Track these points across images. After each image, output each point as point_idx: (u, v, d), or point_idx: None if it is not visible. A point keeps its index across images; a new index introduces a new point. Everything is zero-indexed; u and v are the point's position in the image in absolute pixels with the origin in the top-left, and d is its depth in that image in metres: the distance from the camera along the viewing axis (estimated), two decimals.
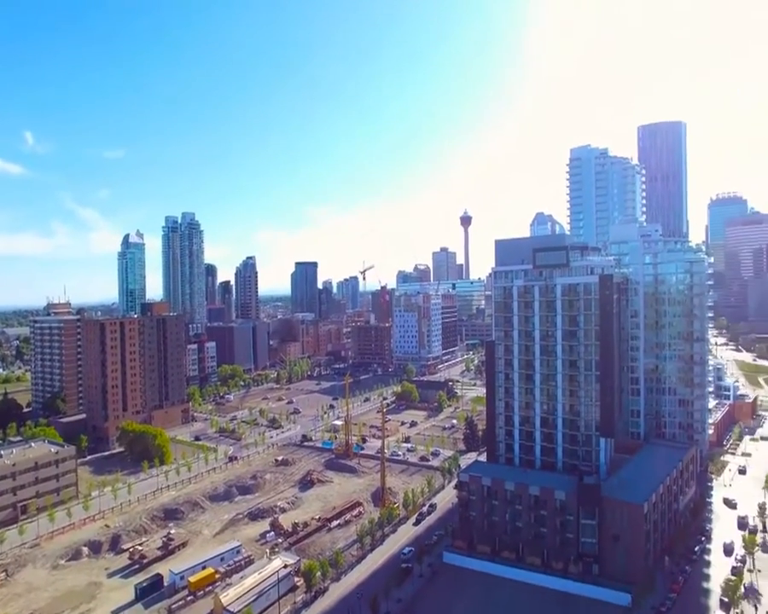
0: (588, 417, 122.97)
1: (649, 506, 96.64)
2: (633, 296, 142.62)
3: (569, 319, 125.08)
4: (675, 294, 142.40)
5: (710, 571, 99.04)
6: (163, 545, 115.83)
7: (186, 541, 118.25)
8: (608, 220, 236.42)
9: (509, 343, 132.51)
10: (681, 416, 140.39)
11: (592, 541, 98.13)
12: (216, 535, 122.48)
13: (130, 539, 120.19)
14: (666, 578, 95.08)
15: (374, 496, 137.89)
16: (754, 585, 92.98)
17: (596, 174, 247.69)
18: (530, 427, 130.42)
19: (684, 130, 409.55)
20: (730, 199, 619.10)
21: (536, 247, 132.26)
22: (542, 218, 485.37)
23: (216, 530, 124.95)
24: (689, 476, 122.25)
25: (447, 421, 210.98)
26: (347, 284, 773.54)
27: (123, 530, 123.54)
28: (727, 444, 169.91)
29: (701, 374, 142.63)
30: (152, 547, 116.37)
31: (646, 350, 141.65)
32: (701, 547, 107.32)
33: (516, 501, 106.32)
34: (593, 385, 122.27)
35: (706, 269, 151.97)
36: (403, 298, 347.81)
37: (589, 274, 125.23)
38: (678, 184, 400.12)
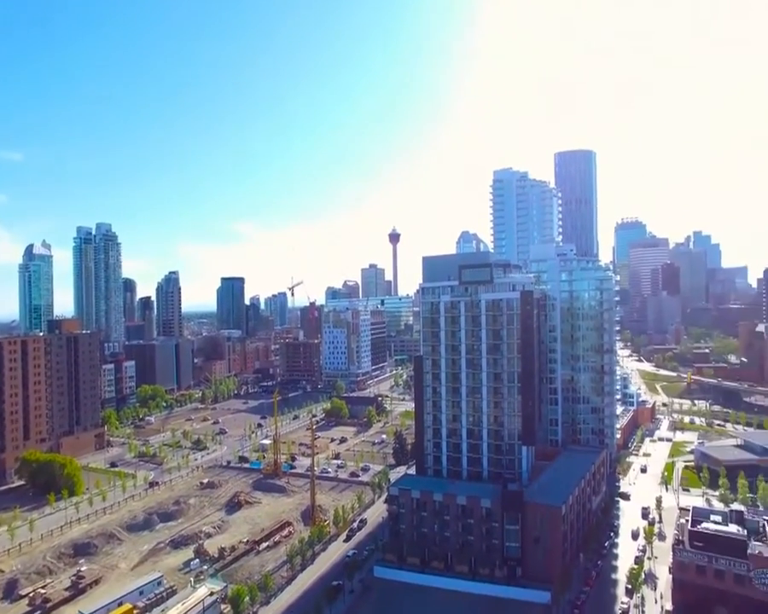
0: (511, 427, 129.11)
1: (566, 508, 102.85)
2: (551, 311, 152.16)
3: (493, 333, 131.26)
4: (587, 309, 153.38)
5: (618, 563, 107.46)
6: (72, 584, 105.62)
7: (99, 578, 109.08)
8: (528, 239, 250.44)
9: (437, 357, 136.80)
10: (593, 423, 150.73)
11: (516, 545, 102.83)
12: (134, 567, 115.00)
13: (30, 582, 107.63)
14: (581, 574, 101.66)
15: (304, 515, 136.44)
16: (653, 571, 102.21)
17: (517, 196, 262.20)
18: (457, 439, 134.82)
19: (595, 159, 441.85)
20: (633, 224, 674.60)
21: (462, 264, 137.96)
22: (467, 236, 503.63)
23: (134, 562, 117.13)
24: (601, 477, 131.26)
25: (377, 436, 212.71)
26: (275, 300, 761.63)
27: (21, 573, 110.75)
28: (631, 446, 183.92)
29: (611, 383, 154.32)
30: (58, 588, 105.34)
31: (563, 361, 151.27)
32: (610, 542, 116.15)
33: (444, 511, 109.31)
34: (515, 396, 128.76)
35: (614, 286, 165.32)
36: (332, 314, 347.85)
37: (511, 290, 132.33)
38: (590, 208, 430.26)
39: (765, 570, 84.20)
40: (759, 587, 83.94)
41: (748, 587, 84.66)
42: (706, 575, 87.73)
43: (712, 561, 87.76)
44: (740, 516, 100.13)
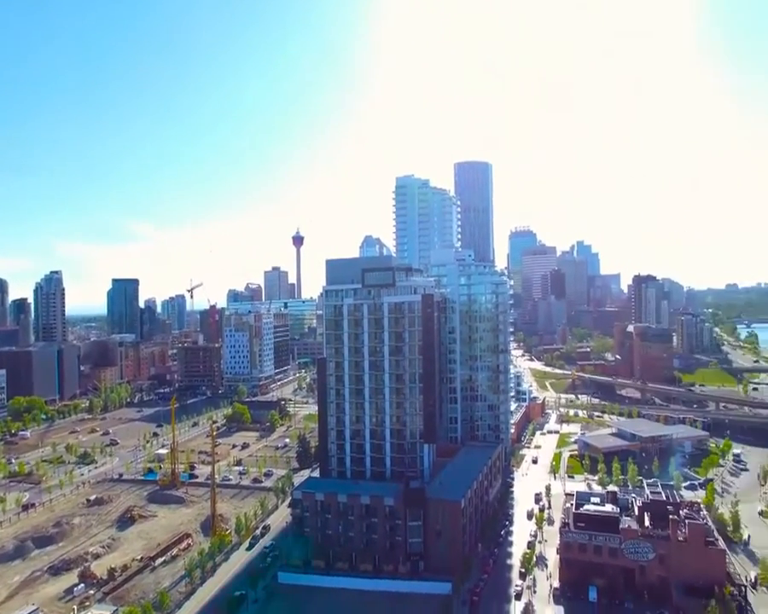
0: (413, 426, 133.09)
1: (466, 501, 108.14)
2: (451, 313, 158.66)
3: (395, 335, 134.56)
4: (484, 312, 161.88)
5: (512, 549, 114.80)
6: None
7: None
8: (429, 245, 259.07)
9: (340, 359, 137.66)
10: (490, 419, 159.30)
11: (418, 540, 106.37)
12: (2, 603, 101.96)
13: None
14: (480, 562, 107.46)
15: (204, 526, 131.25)
16: (543, 553, 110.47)
17: (419, 202, 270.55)
18: (360, 440, 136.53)
19: (491, 170, 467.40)
20: (525, 233, 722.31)
21: (365, 267, 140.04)
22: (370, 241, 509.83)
23: (2, 597, 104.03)
24: (497, 471, 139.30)
25: (280, 440, 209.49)
26: (173, 303, 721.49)
27: None
28: (524, 440, 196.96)
29: (506, 382, 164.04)
30: None
31: (462, 362, 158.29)
32: (506, 530, 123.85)
33: (349, 511, 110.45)
34: (417, 396, 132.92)
35: (508, 290, 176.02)
36: (233, 317, 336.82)
37: (413, 293, 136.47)
38: (486, 217, 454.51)
39: (632, 541, 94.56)
40: (628, 557, 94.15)
41: (620, 558, 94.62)
42: (587, 551, 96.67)
43: (591, 539, 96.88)
44: (614, 496, 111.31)
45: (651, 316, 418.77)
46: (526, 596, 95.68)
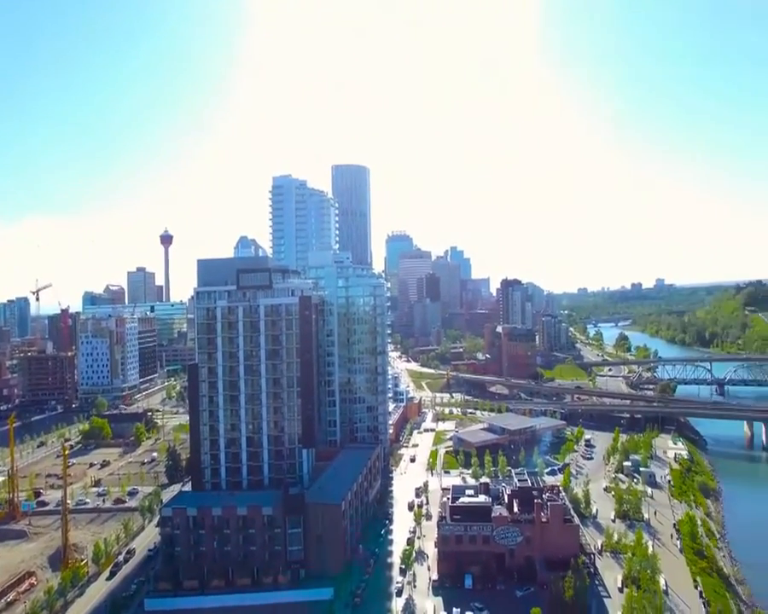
0: (291, 431, 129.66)
1: (346, 504, 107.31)
2: (329, 316, 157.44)
3: (272, 338, 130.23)
4: (362, 314, 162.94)
5: (393, 547, 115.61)
6: None
7: None
8: (306, 246, 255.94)
9: (213, 365, 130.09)
10: (369, 421, 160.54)
11: (299, 547, 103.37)
12: None
13: None
14: (361, 563, 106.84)
15: (53, 559, 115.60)
16: (423, 548, 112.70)
17: (296, 203, 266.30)
18: (236, 448, 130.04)
19: (369, 174, 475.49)
20: (402, 237, 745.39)
21: (240, 268, 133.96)
22: (245, 242, 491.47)
23: None
24: (376, 471, 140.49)
25: (146, 455, 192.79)
26: (13, 306, 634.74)
27: None
28: (402, 439, 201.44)
29: (384, 383, 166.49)
30: None
31: (340, 364, 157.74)
32: (386, 529, 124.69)
33: (224, 525, 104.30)
34: (295, 400, 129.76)
35: (386, 293, 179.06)
36: (91, 322, 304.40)
37: (290, 295, 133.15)
38: (364, 220, 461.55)
39: (502, 528, 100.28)
40: (500, 542, 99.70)
41: (492, 545, 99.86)
42: (463, 542, 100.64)
43: (467, 529, 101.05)
44: (486, 487, 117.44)
45: (517, 318, 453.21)
46: (407, 592, 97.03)
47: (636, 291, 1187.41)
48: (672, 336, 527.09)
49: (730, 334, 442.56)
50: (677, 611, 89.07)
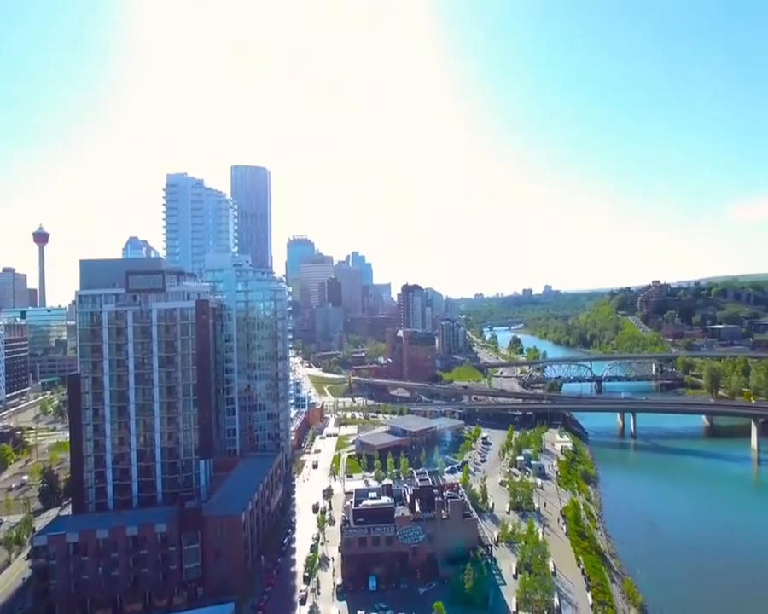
0: (187, 442, 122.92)
1: (246, 515, 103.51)
2: (227, 320, 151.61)
3: (166, 345, 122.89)
4: (263, 319, 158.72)
5: (296, 556, 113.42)
6: None
7: None
8: (203, 248, 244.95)
9: (99, 375, 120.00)
10: (270, 428, 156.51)
11: (196, 564, 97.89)
12: None
13: None
14: (263, 575, 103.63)
15: None
16: (326, 554, 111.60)
17: (192, 203, 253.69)
18: (126, 464, 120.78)
19: (269, 176, 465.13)
20: (303, 241, 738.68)
21: (129, 270, 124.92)
22: (136, 243, 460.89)
23: None
24: (278, 479, 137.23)
25: (15, 479, 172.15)
26: None
27: None
28: (304, 445, 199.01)
29: (285, 389, 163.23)
30: None
31: (239, 371, 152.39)
32: (288, 538, 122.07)
33: (112, 548, 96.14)
34: (192, 409, 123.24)
35: (287, 297, 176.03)
36: None
37: (185, 299, 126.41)
38: (264, 223, 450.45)
39: (405, 527, 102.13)
40: (403, 541, 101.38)
41: (396, 545, 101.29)
42: (367, 544, 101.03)
43: (370, 531, 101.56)
44: (389, 488, 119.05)
45: (417, 322, 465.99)
46: (311, 599, 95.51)
47: (527, 296, 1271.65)
48: (558, 338, 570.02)
49: (605, 336, 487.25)
50: (563, 588, 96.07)
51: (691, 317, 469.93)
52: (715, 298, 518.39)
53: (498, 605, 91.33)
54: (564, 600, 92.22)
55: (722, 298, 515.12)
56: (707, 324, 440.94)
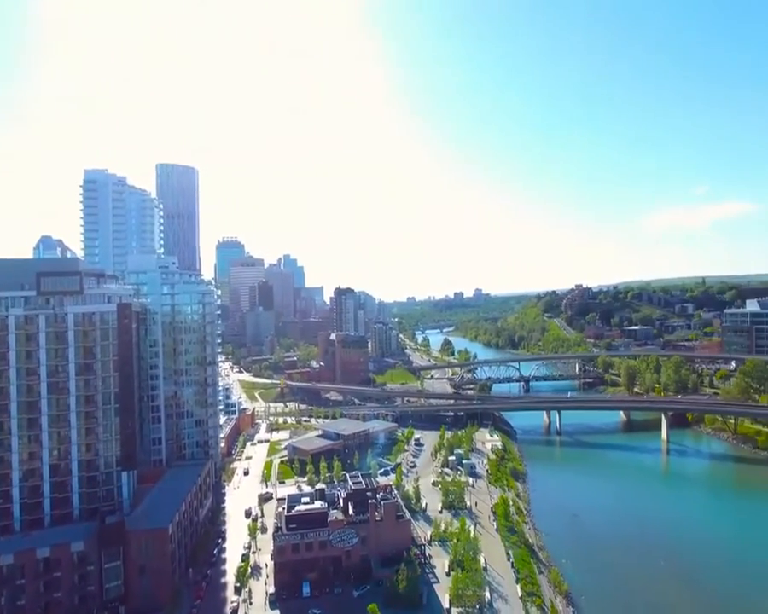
0: (108, 454, 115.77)
1: (173, 526, 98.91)
2: (152, 325, 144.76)
3: (84, 351, 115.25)
4: (190, 323, 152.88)
5: (227, 566, 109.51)
6: None
7: None
8: (126, 249, 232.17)
9: (5, 385, 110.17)
10: (198, 436, 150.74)
11: (117, 583, 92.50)
12: None
13: None
14: (192, 588, 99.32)
15: None
16: (258, 563, 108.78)
17: (113, 201, 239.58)
18: (37, 480, 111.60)
19: (198, 176, 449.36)
20: (233, 243, 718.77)
21: (41, 271, 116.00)
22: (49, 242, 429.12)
23: None
24: (207, 488, 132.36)
25: None
26: None
27: None
28: (235, 453, 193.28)
29: (214, 395, 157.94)
30: None
31: (165, 377, 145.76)
32: (218, 548, 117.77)
33: (17, 574, 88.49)
34: (113, 419, 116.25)
35: (216, 301, 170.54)
36: None
37: (106, 302, 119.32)
38: (192, 224, 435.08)
39: (338, 531, 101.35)
40: (337, 546, 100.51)
41: (329, 549, 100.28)
42: (300, 550, 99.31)
43: (303, 537, 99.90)
44: (322, 493, 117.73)
45: (350, 325, 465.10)
46: (242, 610, 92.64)
47: (458, 300, 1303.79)
48: (488, 340, 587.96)
49: (532, 337, 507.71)
50: (494, 582, 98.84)
51: (610, 319, 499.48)
52: (631, 301, 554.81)
53: (432, 603, 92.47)
54: (495, 594, 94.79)
55: (637, 302, 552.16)
56: (624, 325, 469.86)
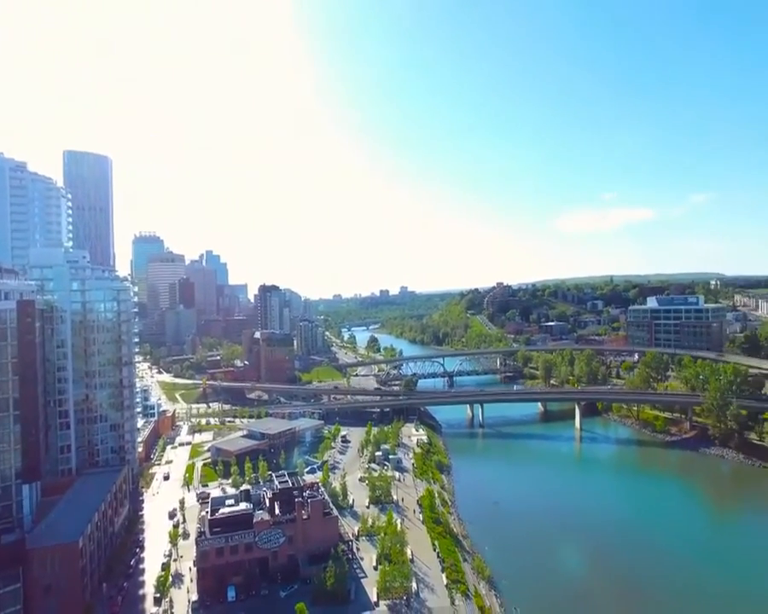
0: (5, 466, 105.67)
1: (84, 540, 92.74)
2: (59, 324, 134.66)
3: None
4: (104, 322, 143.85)
5: (145, 577, 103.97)
6: None
7: None
8: (28, 242, 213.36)
9: None
10: (113, 441, 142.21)
11: (16, 608, 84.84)
12: None
13: None
14: (106, 604, 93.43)
15: None
16: (180, 570, 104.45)
17: (12, 188, 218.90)
18: None
19: (111, 166, 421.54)
20: (151, 238, 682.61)
21: None
22: None
23: None
24: (123, 496, 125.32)
25: None
26: None
27: None
28: (154, 457, 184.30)
29: (131, 397, 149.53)
30: None
31: (75, 380, 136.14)
32: (136, 558, 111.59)
33: None
34: (11, 427, 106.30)
35: (132, 298, 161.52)
36: None
37: (4, 299, 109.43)
38: (105, 216, 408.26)
39: (265, 532, 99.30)
40: (263, 547, 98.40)
41: (255, 551, 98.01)
42: (225, 554, 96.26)
43: (228, 540, 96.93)
44: (247, 494, 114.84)
45: (275, 323, 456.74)
46: None
47: (384, 297, 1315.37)
48: (413, 337, 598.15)
49: (456, 334, 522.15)
50: (420, 573, 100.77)
51: (529, 316, 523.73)
52: (548, 298, 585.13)
53: (360, 597, 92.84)
54: (422, 584, 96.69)
55: (553, 299, 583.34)
56: (542, 321, 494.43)
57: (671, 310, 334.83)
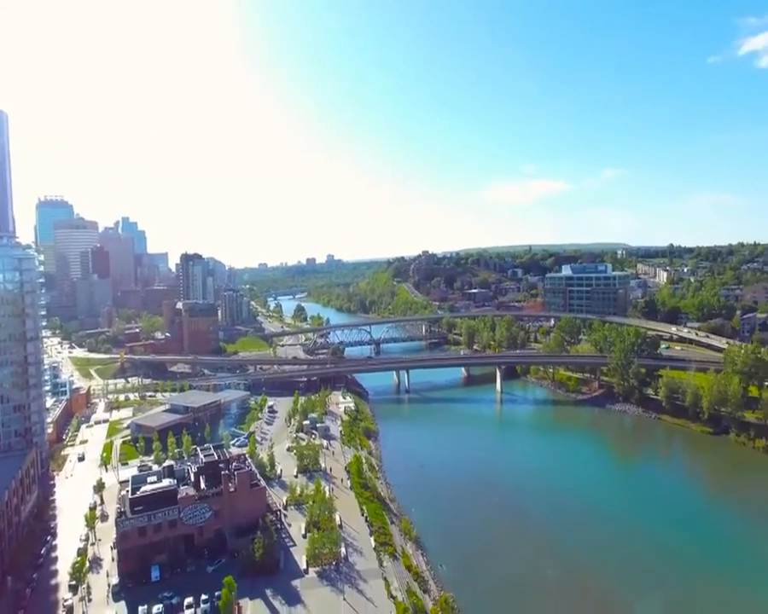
0: None
1: None
2: None
3: None
4: (5, 294, 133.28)
5: (59, 566, 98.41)
6: None
7: None
8: None
9: None
10: (17, 423, 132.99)
11: None
12: None
13: None
14: (12, 599, 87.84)
15: None
16: (98, 554, 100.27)
17: None
18: None
19: (6, 120, 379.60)
20: (58, 203, 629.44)
21: None
22: None
23: None
24: (31, 481, 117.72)
25: None
26: None
27: None
28: (67, 438, 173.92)
29: (37, 375, 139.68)
30: None
31: None
32: (47, 547, 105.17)
33: None
34: None
35: (38, 268, 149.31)
36: None
37: None
38: (2, 177, 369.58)
39: (190, 508, 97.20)
40: (188, 523, 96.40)
41: (180, 527, 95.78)
42: (147, 533, 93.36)
43: (150, 518, 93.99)
44: (171, 470, 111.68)
45: (198, 293, 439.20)
46: (80, 608, 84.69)
47: (310, 266, 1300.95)
48: (340, 305, 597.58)
49: (383, 301, 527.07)
50: (349, 538, 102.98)
51: (453, 283, 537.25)
52: (471, 266, 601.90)
53: (289, 565, 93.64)
54: (351, 548, 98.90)
55: (476, 267, 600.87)
56: (465, 289, 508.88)
57: (583, 278, 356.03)
